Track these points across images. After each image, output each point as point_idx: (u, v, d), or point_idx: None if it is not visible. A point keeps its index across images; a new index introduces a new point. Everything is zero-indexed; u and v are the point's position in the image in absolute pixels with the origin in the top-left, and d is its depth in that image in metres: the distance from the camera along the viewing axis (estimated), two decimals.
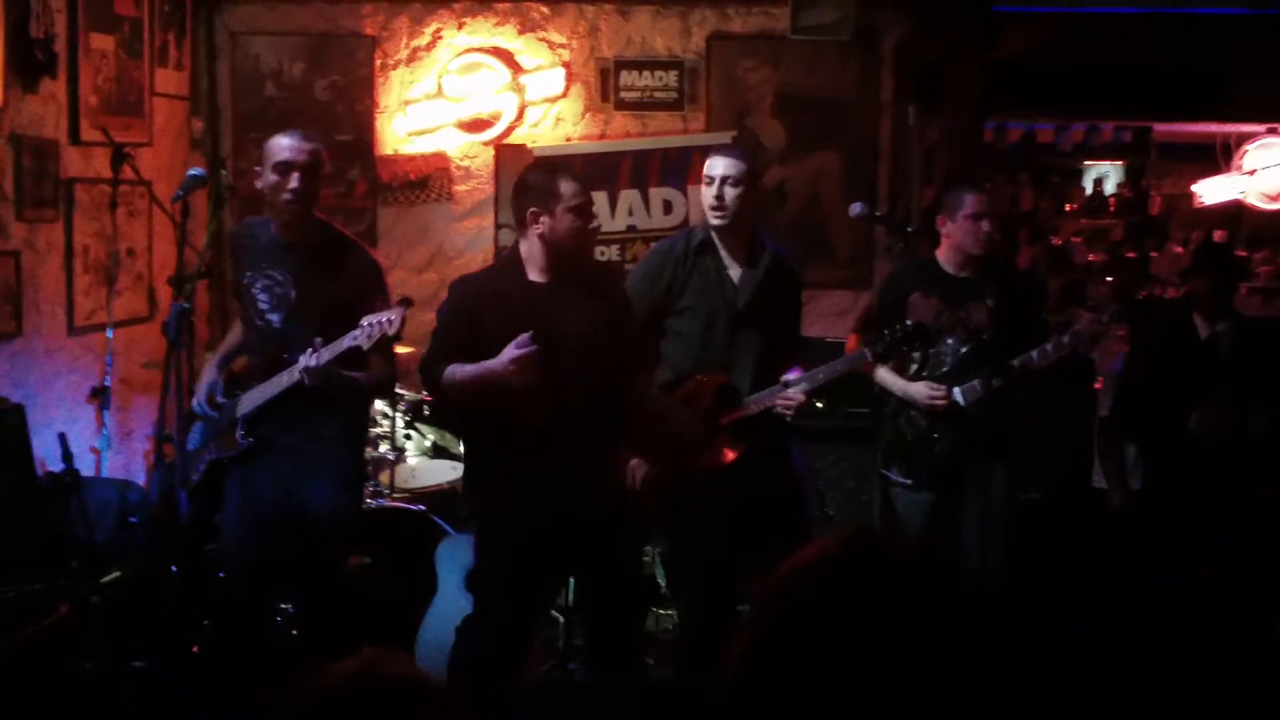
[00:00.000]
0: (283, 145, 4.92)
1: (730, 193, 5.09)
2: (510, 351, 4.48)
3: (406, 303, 4.72)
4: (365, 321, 4.69)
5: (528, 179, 4.76)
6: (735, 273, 5.18)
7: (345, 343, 4.73)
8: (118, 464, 6.96)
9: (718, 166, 5.13)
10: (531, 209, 4.66)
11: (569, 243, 4.66)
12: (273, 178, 4.91)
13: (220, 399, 5.13)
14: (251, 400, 5.00)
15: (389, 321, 4.65)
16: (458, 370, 4.62)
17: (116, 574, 5.66)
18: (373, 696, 1.94)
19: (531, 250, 4.72)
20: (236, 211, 7.80)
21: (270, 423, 5.03)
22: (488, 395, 4.58)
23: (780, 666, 1.66)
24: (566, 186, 4.63)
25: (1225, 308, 6.00)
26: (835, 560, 1.70)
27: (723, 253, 5.19)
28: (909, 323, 5.15)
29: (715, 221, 5.13)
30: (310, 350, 4.71)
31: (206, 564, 5.77)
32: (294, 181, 4.90)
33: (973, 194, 5.60)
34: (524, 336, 4.49)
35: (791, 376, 5.09)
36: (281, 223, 5.02)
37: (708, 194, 5.13)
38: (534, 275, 4.72)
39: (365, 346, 4.72)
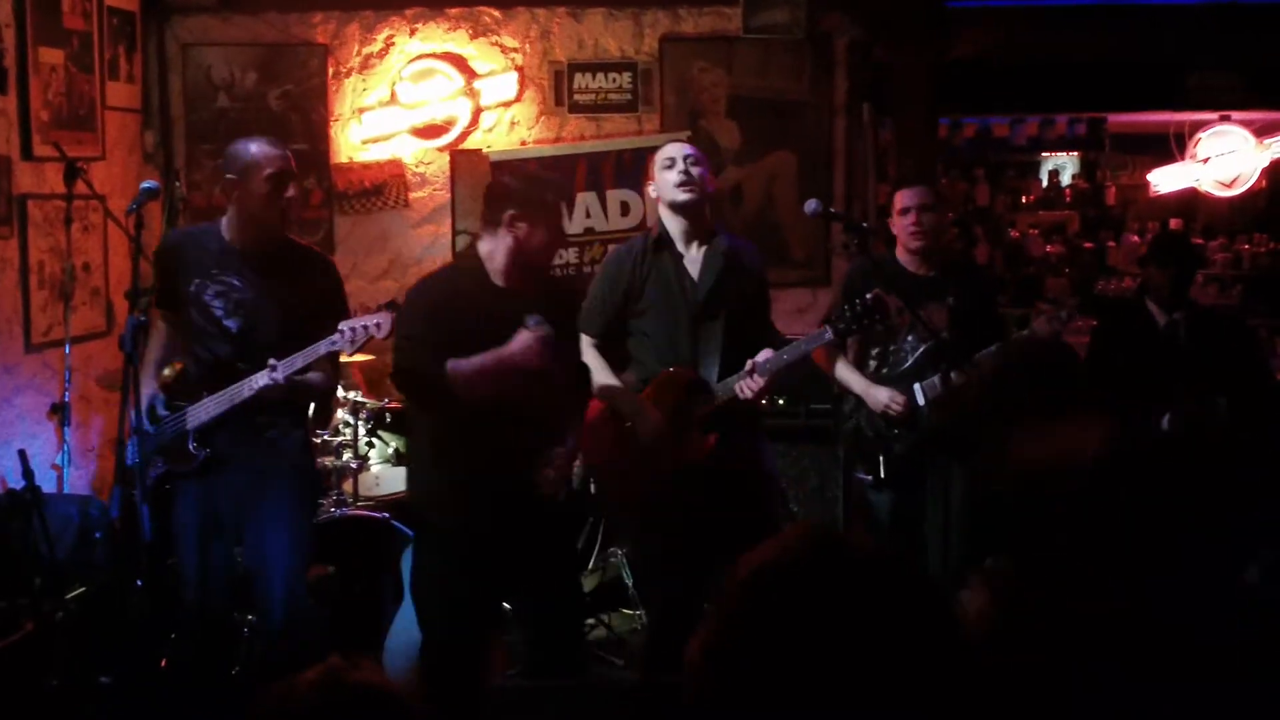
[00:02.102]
0: (271, 155, 4.89)
1: (695, 170, 5.12)
2: (527, 335, 4.58)
3: (393, 306, 4.70)
4: (346, 326, 4.66)
5: (511, 185, 4.84)
6: (693, 265, 5.19)
7: (322, 348, 4.71)
8: (79, 480, 6.92)
9: (675, 150, 5.21)
10: (512, 212, 4.68)
11: (540, 256, 4.72)
12: (264, 189, 4.86)
13: (162, 411, 5.03)
14: (204, 412, 4.92)
15: (377, 325, 4.64)
16: (463, 364, 4.64)
17: (80, 590, 5.64)
18: (338, 704, 1.94)
19: (495, 252, 4.74)
20: (190, 223, 7.77)
21: (226, 436, 4.97)
22: (499, 379, 4.61)
23: (740, 664, 1.66)
24: (553, 201, 4.70)
25: (1182, 297, 6.02)
26: (796, 558, 1.70)
27: (680, 248, 5.21)
28: (868, 296, 5.12)
29: (684, 197, 5.13)
30: (269, 368, 4.70)
31: (171, 578, 5.74)
32: (290, 191, 4.92)
33: (902, 190, 5.69)
34: (536, 318, 4.58)
35: (759, 360, 5.09)
36: (241, 231, 4.97)
37: (671, 175, 5.14)
38: (496, 279, 4.76)
39: (349, 352, 4.72)
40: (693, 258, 5.21)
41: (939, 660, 1.64)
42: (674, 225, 5.22)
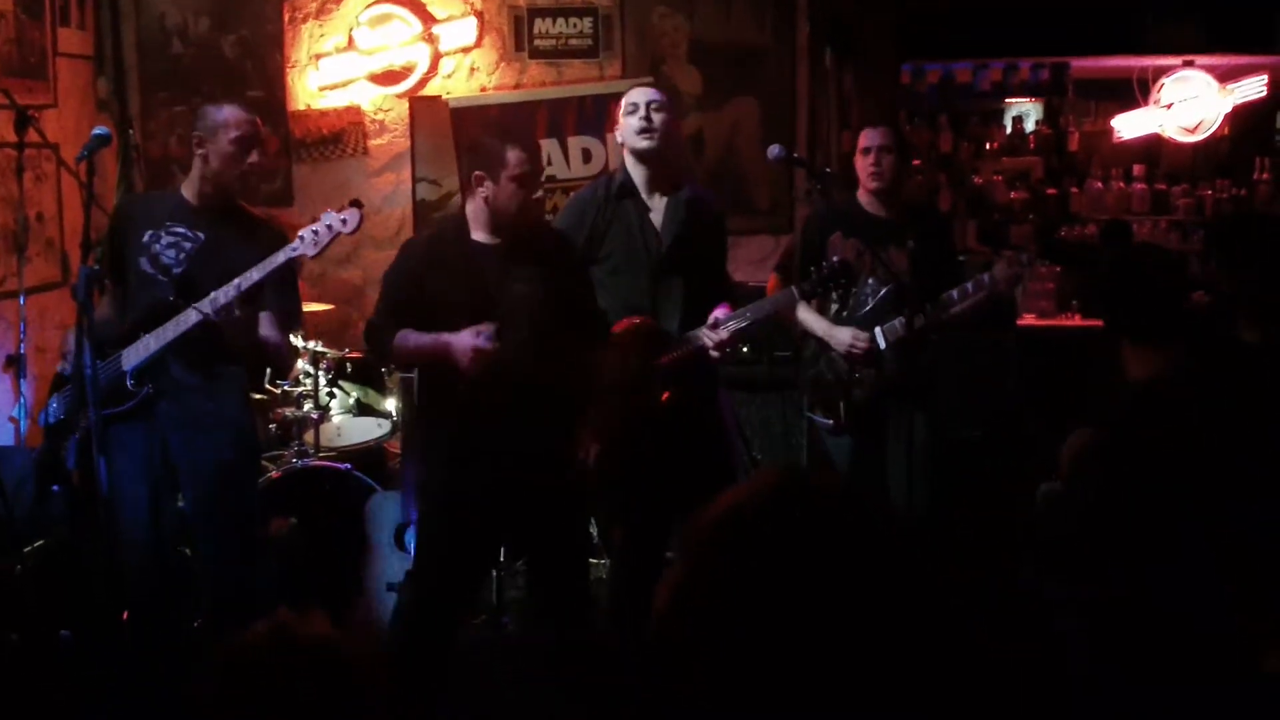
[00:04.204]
0: (240, 118, 4.92)
1: (656, 116, 5.07)
2: (470, 339, 4.50)
3: (359, 204, 4.68)
4: (307, 230, 4.66)
5: (478, 141, 4.80)
6: (657, 216, 5.15)
7: (280, 258, 4.67)
8: (37, 432, 6.84)
9: (639, 95, 5.13)
10: (476, 172, 4.66)
11: (509, 210, 4.66)
12: (229, 149, 4.89)
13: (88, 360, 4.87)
14: (143, 348, 4.85)
15: (343, 221, 4.63)
16: (410, 338, 4.63)
17: (40, 543, 5.58)
18: (287, 659, 1.93)
19: (476, 212, 4.71)
20: (146, 173, 7.68)
21: (166, 377, 4.89)
22: (435, 364, 4.59)
23: (708, 607, 1.64)
24: (513, 155, 4.61)
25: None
26: (763, 499, 1.68)
27: (644, 195, 5.16)
28: (835, 260, 5.12)
29: (643, 144, 5.09)
30: (220, 292, 4.63)
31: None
32: (254, 156, 4.95)
33: (865, 130, 5.66)
34: (488, 329, 4.50)
35: (719, 314, 5.06)
36: (200, 191, 4.98)
37: (633, 121, 5.10)
38: (479, 236, 4.71)
39: (311, 254, 4.69)
40: (656, 207, 5.17)
41: (907, 599, 1.62)
42: (638, 173, 5.18)
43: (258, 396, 6.31)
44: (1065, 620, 3.80)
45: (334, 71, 7.82)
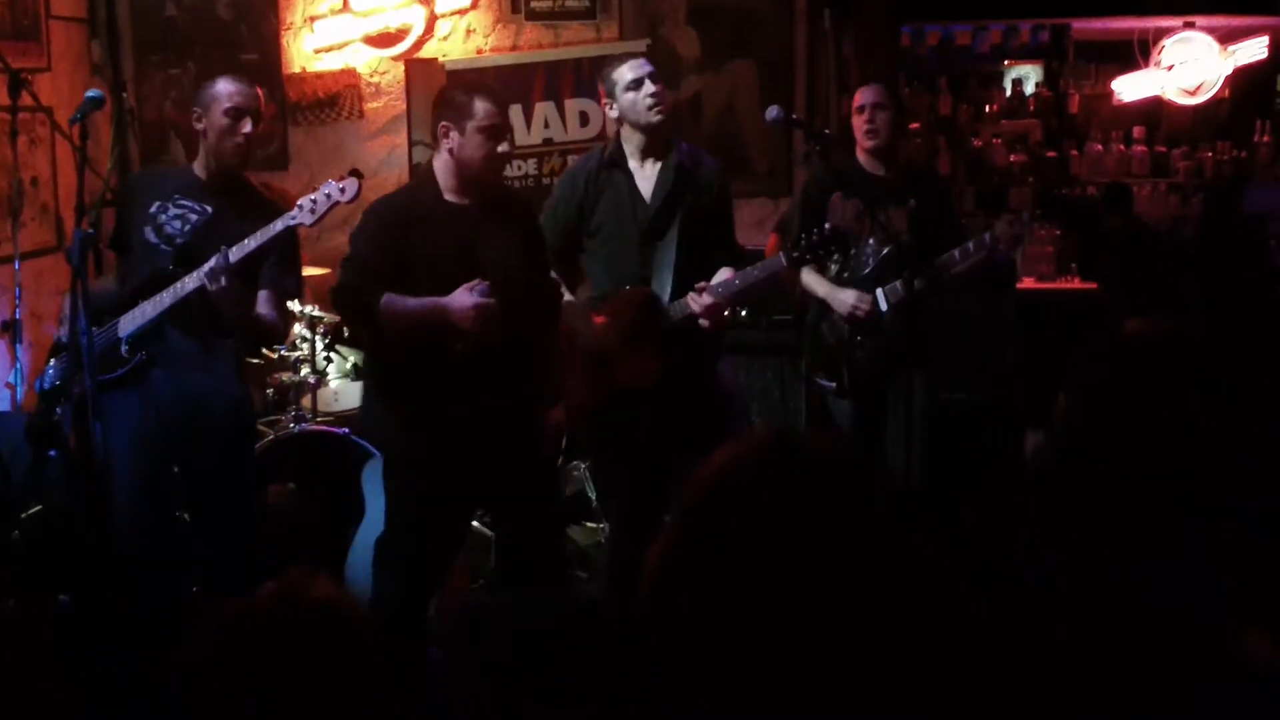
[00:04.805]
0: (232, 90, 4.90)
1: (658, 86, 5.05)
2: (467, 298, 4.45)
3: (358, 174, 4.65)
4: (305, 199, 4.62)
5: (447, 92, 4.73)
6: (646, 184, 5.11)
7: (278, 225, 4.64)
8: (33, 398, 6.82)
9: (638, 69, 5.06)
10: (443, 123, 4.58)
11: (475, 163, 4.58)
12: (223, 121, 4.88)
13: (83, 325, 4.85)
14: (139, 316, 4.84)
15: (341, 190, 4.59)
16: (400, 303, 4.54)
17: (36, 509, 5.57)
18: (295, 619, 1.92)
19: (444, 168, 4.64)
20: (140, 136, 7.65)
21: (162, 346, 4.88)
22: (431, 330, 4.52)
23: (700, 568, 1.62)
24: (481, 106, 4.53)
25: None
26: (755, 460, 1.66)
27: (634, 165, 5.12)
28: (826, 227, 5.07)
29: (659, 118, 5.05)
30: (218, 253, 4.60)
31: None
32: (247, 127, 4.91)
33: (859, 90, 5.67)
34: (482, 284, 4.46)
35: (714, 282, 5.03)
36: (206, 167, 4.98)
37: (641, 97, 5.03)
38: (450, 195, 4.65)
39: (309, 223, 4.66)
40: (646, 175, 5.13)
41: (899, 560, 1.61)
42: (633, 142, 5.13)
43: (254, 362, 6.29)
44: (1061, 604, 3.77)
45: (329, 34, 7.77)
